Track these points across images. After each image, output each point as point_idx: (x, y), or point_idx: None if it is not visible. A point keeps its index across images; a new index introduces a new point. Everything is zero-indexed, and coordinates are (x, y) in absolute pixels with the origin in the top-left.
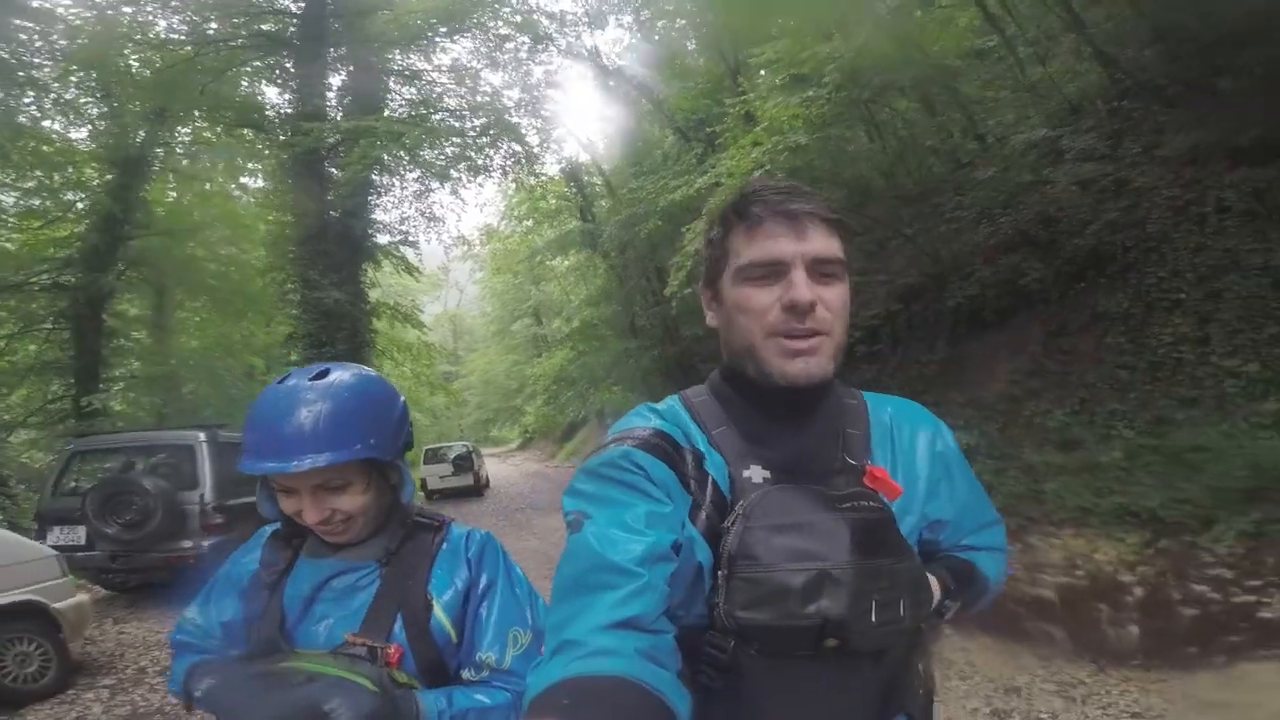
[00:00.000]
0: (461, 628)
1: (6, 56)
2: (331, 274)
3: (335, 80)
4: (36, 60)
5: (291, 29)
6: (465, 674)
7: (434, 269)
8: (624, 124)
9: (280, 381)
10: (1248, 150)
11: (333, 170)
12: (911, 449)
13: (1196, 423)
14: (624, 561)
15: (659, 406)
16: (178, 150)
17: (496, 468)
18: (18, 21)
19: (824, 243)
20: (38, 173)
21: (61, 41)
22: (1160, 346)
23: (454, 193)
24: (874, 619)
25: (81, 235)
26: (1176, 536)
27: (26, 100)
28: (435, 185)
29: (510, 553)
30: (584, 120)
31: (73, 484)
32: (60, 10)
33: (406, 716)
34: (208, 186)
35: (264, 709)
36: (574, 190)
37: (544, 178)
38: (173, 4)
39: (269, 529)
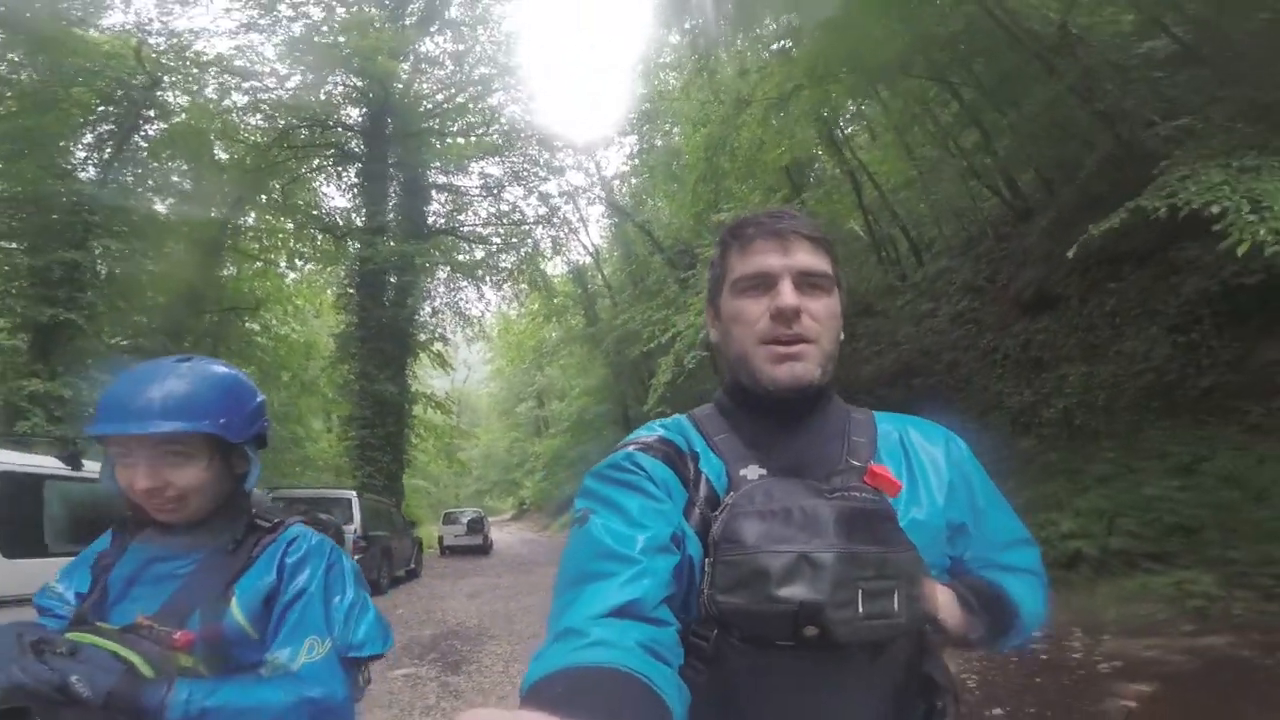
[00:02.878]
0: (263, 627)
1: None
2: (386, 369)
3: (391, 191)
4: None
5: (353, 141)
6: (262, 671)
7: (445, 349)
8: (623, 241)
9: (149, 363)
10: (1028, 303)
11: (389, 279)
12: (926, 455)
13: None
14: (625, 549)
15: (665, 421)
16: (248, 235)
17: (496, 534)
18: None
19: (810, 258)
20: (135, 243)
21: (162, 125)
22: None
23: (478, 290)
24: (861, 610)
25: (163, 306)
26: None
27: (127, 174)
28: (465, 283)
29: (519, 591)
30: (589, 230)
31: None
32: (169, 98)
33: (151, 699)
34: (259, 265)
35: (13, 672)
36: (580, 291)
37: (555, 277)
38: (261, 106)
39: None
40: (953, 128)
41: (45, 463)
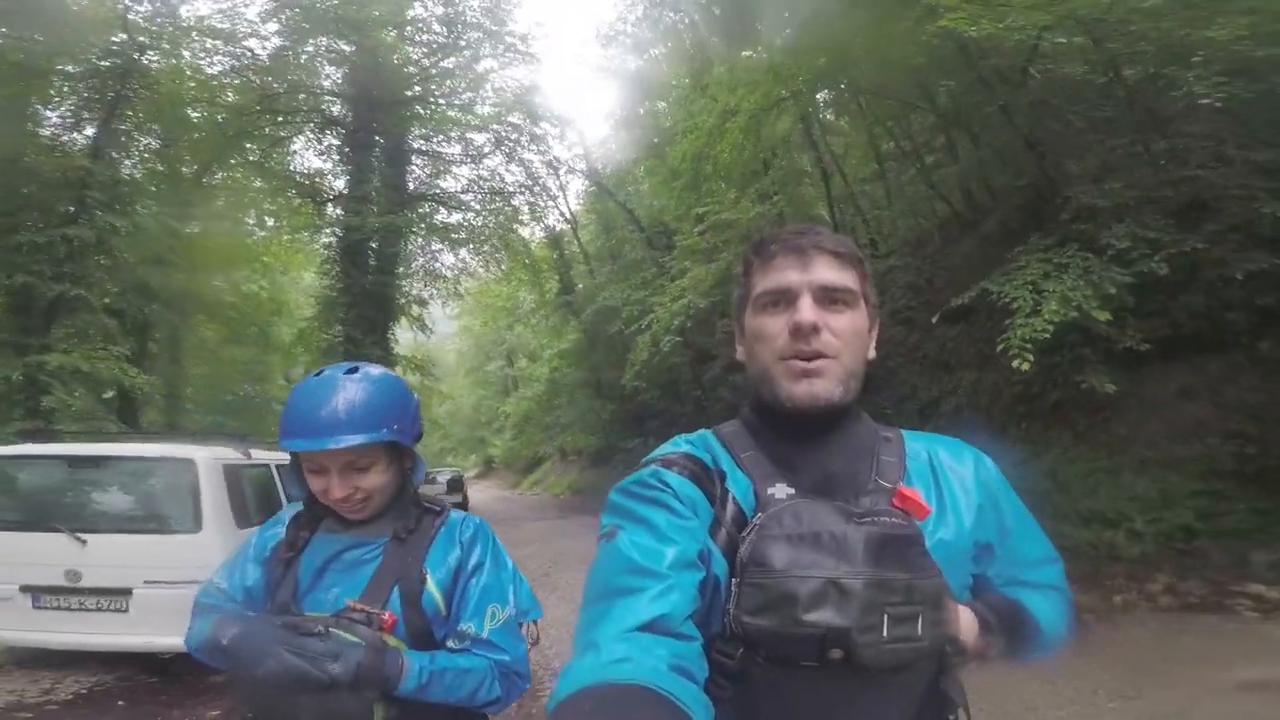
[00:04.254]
0: (450, 601)
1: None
2: (371, 333)
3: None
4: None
5: (336, 106)
6: (450, 643)
7: (423, 311)
8: (602, 214)
9: (317, 374)
10: (952, 310)
11: (371, 245)
12: (955, 476)
13: None
14: (653, 565)
15: (690, 436)
16: (216, 194)
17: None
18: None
19: (831, 273)
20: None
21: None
22: None
23: (455, 254)
24: (886, 634)
25: (132, 265)
26: None
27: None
28: (441, 246)
29: (513, 542)
30: (568, 195)
31: None
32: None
33: (393, 668)
34: (225, 223)
35: (282, 655)
36: (556, 256)
37: (531, 241)
38: (244, 73)
39: (292, 508)
40: (921, 133)
41: (232, 455)
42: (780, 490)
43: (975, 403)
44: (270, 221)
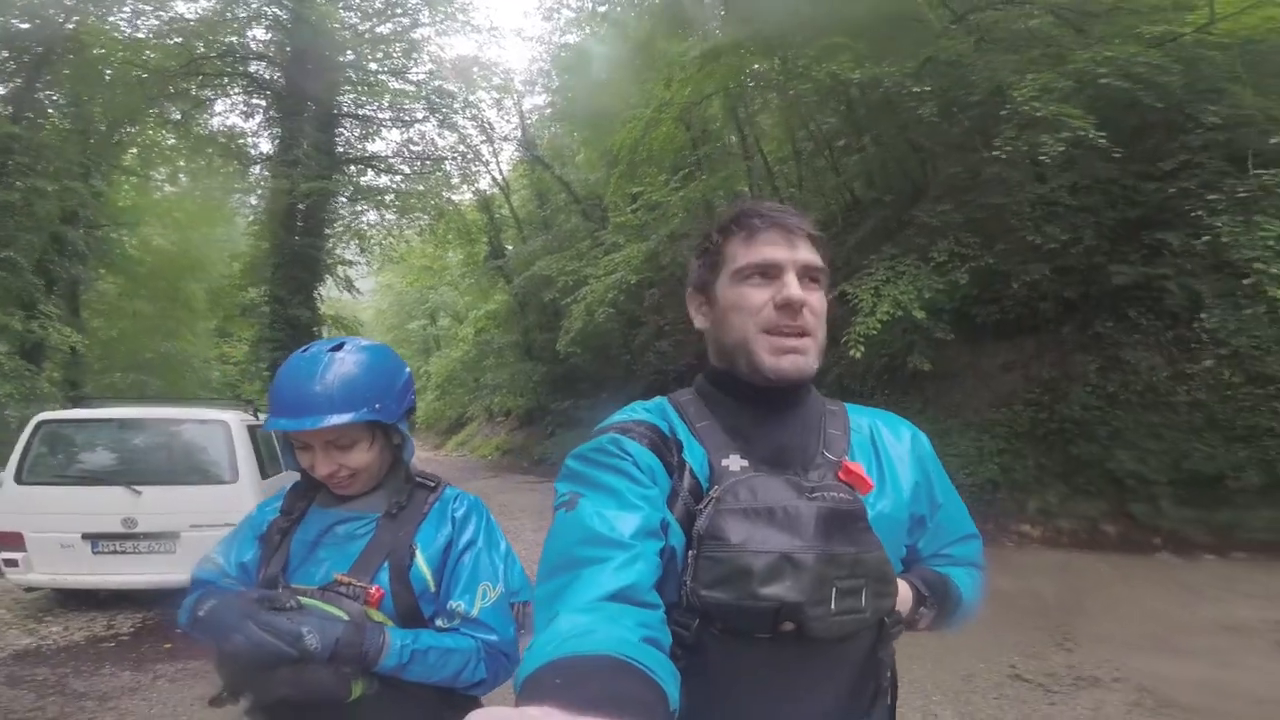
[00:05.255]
0: (440, 578)
1: None
2: (298, 294)
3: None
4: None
5: (266, 70)
6: (439, 622)
7: (349, 271)
8: (534, 181)
9: (303, 351)
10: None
11: (299, 206)
12: (894, 450)
13: None
14: (616, 535)
15: (647, 404)
16: (127, 150)
17: None
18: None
19: (811, 254)
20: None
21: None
22: None
23: (381, 216)
24: (834, 607)
25: (50, 224)
26: None
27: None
28: (368, 208)
29: None
30: (500, 159)
31: None
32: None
33: (373, 644)
34: (135, 179)
35: (250, 630)
36: (486, 219)
37: (461, 204)
38: (170, 36)
39: (294, 482)
40: (832, 126)
41: (249, 417)
42: (734, 462)
43: (853, 371)
44: (183, 179)
